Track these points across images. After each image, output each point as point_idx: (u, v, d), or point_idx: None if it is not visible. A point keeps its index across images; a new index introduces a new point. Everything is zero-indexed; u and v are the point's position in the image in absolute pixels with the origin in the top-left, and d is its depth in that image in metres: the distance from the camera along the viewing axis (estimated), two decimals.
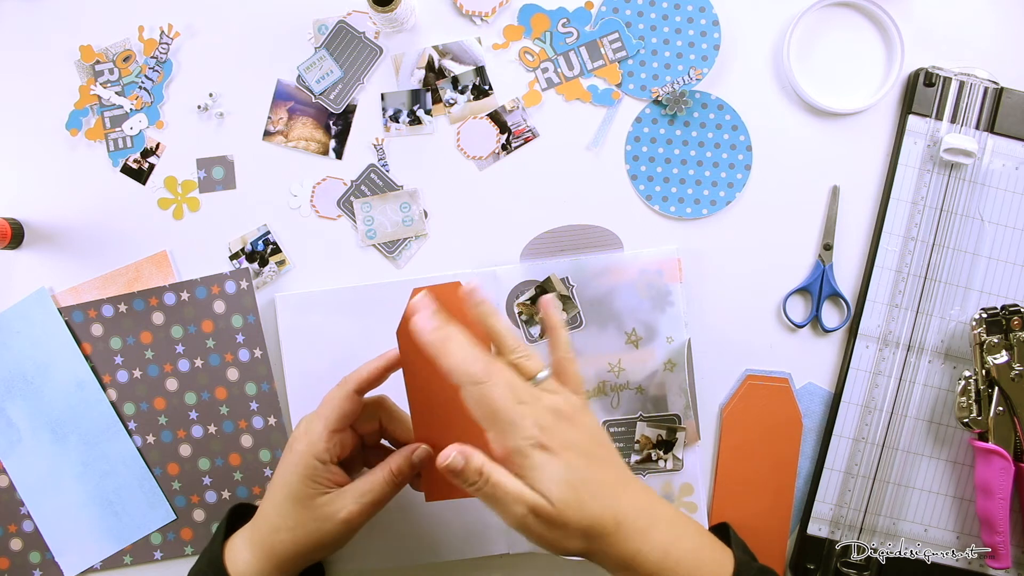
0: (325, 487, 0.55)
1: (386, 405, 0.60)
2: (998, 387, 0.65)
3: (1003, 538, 0.66)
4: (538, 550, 0.68)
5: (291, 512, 0.55)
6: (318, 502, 0.55)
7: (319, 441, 0.54)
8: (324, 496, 0.55)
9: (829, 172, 0.70)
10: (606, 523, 0.49)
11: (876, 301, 0.69)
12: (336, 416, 0.55)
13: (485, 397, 0.48)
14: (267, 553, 0.56)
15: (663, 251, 0.69)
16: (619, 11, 0.70)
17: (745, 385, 0.69)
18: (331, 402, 0.55)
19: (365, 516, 0.55)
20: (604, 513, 0.49)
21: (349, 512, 0.54)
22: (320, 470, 0.55)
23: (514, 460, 0.48)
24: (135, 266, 0.70)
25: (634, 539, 0.50)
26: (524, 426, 0.48)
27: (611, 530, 0.49)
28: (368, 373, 0.56)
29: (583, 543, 0.50)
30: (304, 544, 0.55)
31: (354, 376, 0.56)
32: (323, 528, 0.54)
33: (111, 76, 0.71)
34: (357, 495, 0.55)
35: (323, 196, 0.70)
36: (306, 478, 0.54)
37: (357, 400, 0.55)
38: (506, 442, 0.48)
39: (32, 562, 0.71)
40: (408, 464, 0.56)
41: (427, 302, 0.52)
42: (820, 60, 0.70)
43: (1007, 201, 0.69)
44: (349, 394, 0.55)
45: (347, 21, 0.70)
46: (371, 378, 0.56)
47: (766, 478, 0.69)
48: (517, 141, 0.70)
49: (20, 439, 0.70)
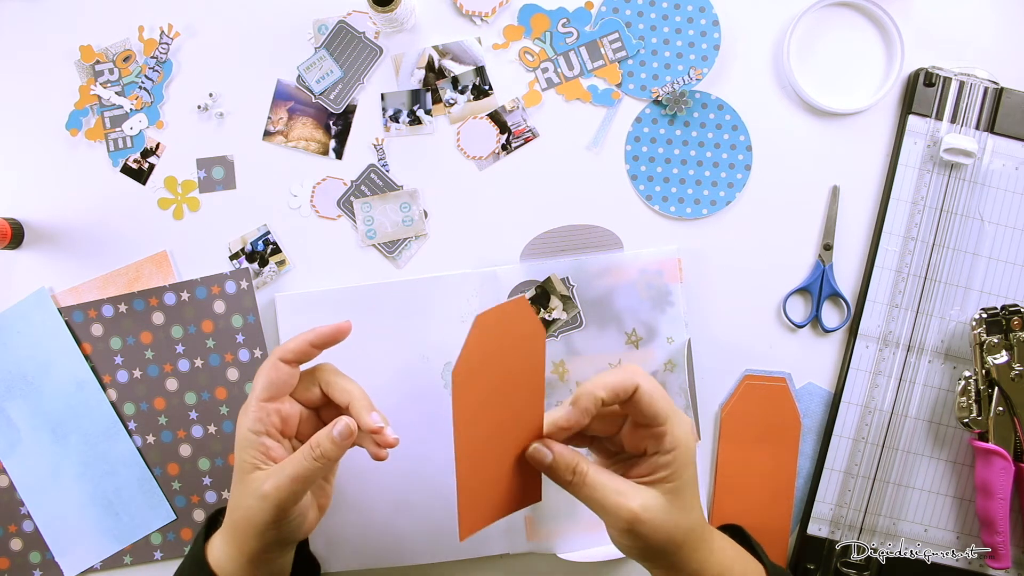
0: (261, 461, 0.53)
1: (324, 371, 0.58)
2: (998, 387, 0.65)
3: (1003, 538, 0.66)
4: (537, 550, 0.68)
5: (235, 489, 0.54)
6: (250, 477, 0.53)
7: (251, 411, 0.53)
8: (257, 472, 0.53)
9: (829, 172, 0.70)
10: (700, 526, 0.51)
11: (876, 301, 0.69)
12: (262, 385, 0.53)
13: (657, 391, 0.50)
14: (231, 539, 0.54)
15: (663, 251, 0.69)
16: (619, 11, 0.70)
17: (744, 385, 0.69)
18: (259, 372, 0.54)
19: (285, 492, 0.52)
20: (701, 513, 0.52)
21: (267, 487, 0.52)
22: (253, 442, 0.53)
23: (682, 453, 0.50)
24: (135, 266, 0.70)
25: (702, 550, 0.52)
26: (682, 416, 0.51)
27: (698, 533, 0.51)
28: (295, 344, 0.55)
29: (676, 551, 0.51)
30: (244, 527, 0.53)
31: (281, 346, 0.55)
32: (253, 506, 0.52)
33: (111, 76, 0.71)
34: (277, 470, 0.52)
35: (323, 196, 0.70)
36: (241, 451, 0.53)
37: (285, 369, 0.54)
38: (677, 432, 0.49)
39: (32, 562, 0.71)
40: (329, 439, 0.53)
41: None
42: (820, 60, 0.70)
43: (1007, 201, 0.69)
44: (274, 363, 0.54)
45: (347, 21, 0.70)
46: (298, 348, 0.54)
47: (766, 478, 0.69)
48: (517, 141, 0.70)
49: (20, 439, 0.70)
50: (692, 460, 0.50)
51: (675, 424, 0.50)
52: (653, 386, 0.50)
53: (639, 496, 0.49)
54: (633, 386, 0.49)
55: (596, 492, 0.49)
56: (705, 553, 0.52)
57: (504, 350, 0.49)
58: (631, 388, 0.49)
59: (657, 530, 0.49)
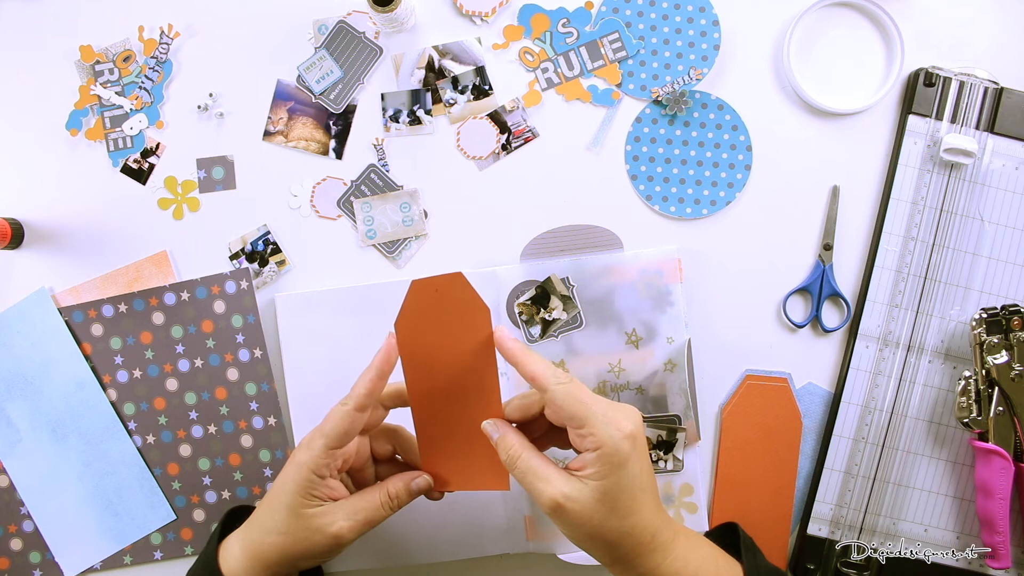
0: (320, 500, 0.56)
1: (401, 435, 0.62)
2: (998, 387, 0.65)
3: (1003, 538, 0.66)
4: (537, 550, 0.68)
5: (284, 519, 0.55)
6: (310, 512, 0.55)
7: (318, 457, 0.55)
8: (317, 508, 0.55)
9: (829, 172, 0.70)
10: (643, 534, 0.52)
11: (876, 301, 0.69)
12: (336, 434, 0.55)
13: (573, 393, 0.52)
14: (255, 553, 0.56)
15: (663, 251, 0.68)
16: (619, 11, 0.70)
17: (745, 385, 0.69)
18: (332, 419, 0.55)
19: (356, 533, 0.56)
20: (651, 523, 0.52)
21: (340, 528, 0.55)
22: (317, 483, 0.55)
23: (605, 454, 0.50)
24: (135, 266, 0.70)
25: (660, 551, 0.52)
26: (617, 419, 0.51)
27: (646, 541, 0.52)
28: (365, 388, 0.56)
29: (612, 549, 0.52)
30: (291, 551, 0.56)
31: (353, 394, 0.56)
32: (312, 539, 0.55)
33: (111, 76, 0.70)
34: (351, 512, 0.56)
35: (323, 196, 0.70)
36: (302, 489, 0.55)
37: (358, 418, 0.56)
38: (600, 434, 0.50)
39: (32, 562, 0.71)
40: (406, 491, 0.58)
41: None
42: (820, 60, 0.70)
43: (1007, 201, 0.69)
44: (349, 413, 0.55)
45: (347, 21, 0.70)
46: (368, 392, 0.56)
47: (766, 478, 0.69)
48: (517, 141, 0.70)
49: (20, 439, 0.70)
50: (623, 464, 0.51)
51: (598, 427, 0.51)
52: (566, 392, 0.52)
53: (565, 485, 0.51)
54: (543, 387, 0.53)
55: (526, 476, 0.52)
56: (656, 560, 0.52)
57: (447, 319, 0.55)
58: (542, 387, 0.53)
59: (581, 521, 0.51)
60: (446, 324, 0.55)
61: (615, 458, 0.50)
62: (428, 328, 0.56)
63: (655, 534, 0.52)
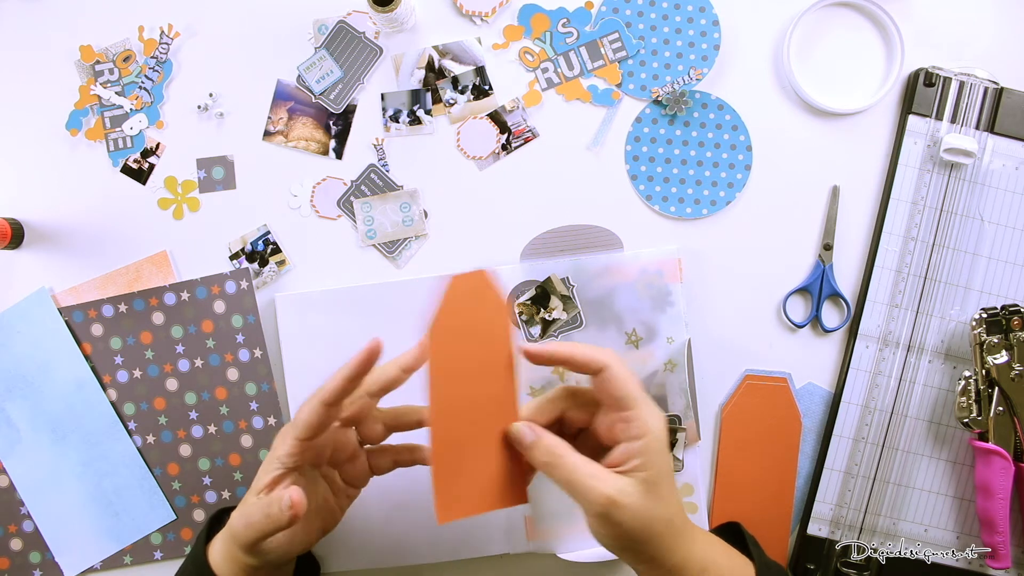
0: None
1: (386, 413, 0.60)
2: (998, 387, 0.65)
3: (1003, 538, 0.66)
4: (537, 550, 0.68)
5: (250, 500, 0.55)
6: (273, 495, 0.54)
7: (289, 446, 0.54)
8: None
9: (829, 172, 0.70)
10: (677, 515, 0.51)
11: (876, 301, 0.69)
12: (303, 426, 0.54)
13: (630, 375, 0.51)
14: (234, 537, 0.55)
15: (663, 251, 0.69)
16: (619, 11, 0.70)
17: (745, 385, 0.69)
18: (301, 413, 0.55)
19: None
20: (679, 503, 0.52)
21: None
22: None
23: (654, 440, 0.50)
24: (135, 266, 0.70)
25: (683, 543, 0.52)
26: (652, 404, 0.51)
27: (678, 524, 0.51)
28: (336, 385, 0.54)
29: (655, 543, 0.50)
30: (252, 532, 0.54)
31: (322, 389, 0.55)
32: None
33: (111, 76, 0.71)
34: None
35: (323, 196, 0.70)
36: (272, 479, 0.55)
37: (325, 412, 0.54)
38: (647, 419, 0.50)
39: (32, 562, 0.71)
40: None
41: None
42: (820, 60, 0.70)
43: (1007, 201, 0.69)
44: (315, 407, 0.54)
45: (347, 21, 0.70)
46: (335, 390, 0.54)
47: (766, 478, 0.69)
48: (517, 141, 0.70)
49: (20, 439, 0.70)
50: (664, 450, 0.50)
51: (644, 410, 0.50)
52: (624, 370, 0.51)
53: (616, 482, 0.49)
54: (603, 364, 0.51)
55: (573, 474, 0.49)
56: (688, 545, 0.51)
57: (475, 320, 0.51)
58: (600, 365, 0.51)
59: (635, 516, 0.49)
60: (472, 327, 0.51)
61: (660, 444, 0.50)
62: (459, 332, 0.51)
63: (684, 518, 0.52)
